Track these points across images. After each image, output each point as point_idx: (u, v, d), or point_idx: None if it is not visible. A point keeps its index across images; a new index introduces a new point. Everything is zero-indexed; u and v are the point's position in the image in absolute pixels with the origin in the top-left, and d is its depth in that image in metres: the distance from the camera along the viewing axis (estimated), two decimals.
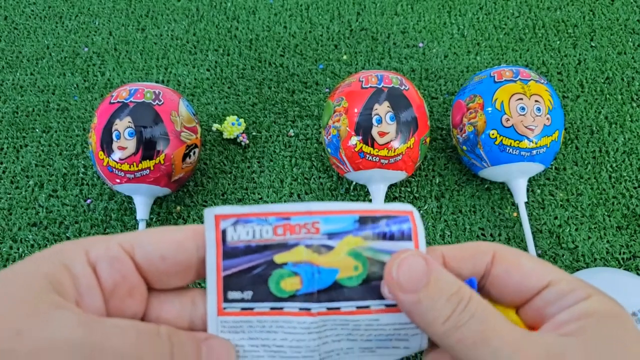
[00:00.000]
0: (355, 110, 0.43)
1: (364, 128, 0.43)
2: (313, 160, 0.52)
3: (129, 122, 0.42)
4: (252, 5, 0.64)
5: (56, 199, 0.50)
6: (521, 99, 0.43)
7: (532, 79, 0.45)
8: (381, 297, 0.20)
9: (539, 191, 0.49)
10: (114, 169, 0.43)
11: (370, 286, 0.20)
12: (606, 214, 0.48)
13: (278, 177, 0.51)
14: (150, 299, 0.20)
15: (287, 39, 0.61)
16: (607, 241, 0.46)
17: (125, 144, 0.42)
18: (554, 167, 0.51)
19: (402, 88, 0.44)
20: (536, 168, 0.45)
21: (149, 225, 0.48)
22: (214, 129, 0.53)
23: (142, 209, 0.45)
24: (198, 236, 0.20)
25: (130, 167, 0.42)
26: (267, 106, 0.56)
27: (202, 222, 0.49)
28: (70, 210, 0.49)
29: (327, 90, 0.57)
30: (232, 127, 0.52)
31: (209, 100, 0.56)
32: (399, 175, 0.45)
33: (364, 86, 0.44)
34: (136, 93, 0.44)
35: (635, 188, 0.49)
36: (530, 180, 0.49)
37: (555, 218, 0.48)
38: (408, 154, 0.44)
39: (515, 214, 0.48)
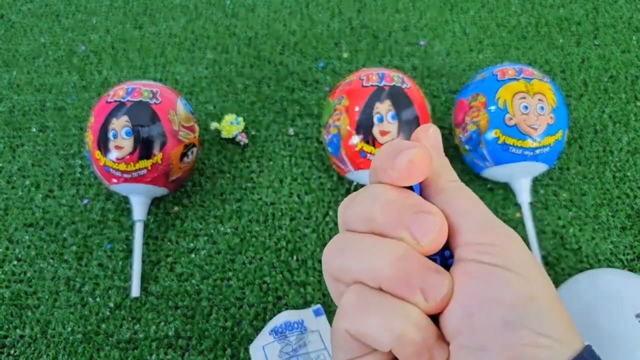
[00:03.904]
0: (356, 109, 0.43)
1: (365, 127, 0.42)
2: (313, 159, 0.51)
3: (126, 121, 0.42)
4: (251, 2, 0.64)
5: (52, 199, 0.49)
6: (524, 97, 0.43)
7: (535, 78, 0.44)
8: None
9: (542, 191, 0.48)
10: (111, 169, 0.42)
11: None
12: (610, 214, 0.47)
13: (277, 177, 0.50)
14: None
15: (286, 36, 0.60)
16: (611, 242, 0.46)
17: (122, 143, 0.41)
18: (557, 167, 0.50)
19: (403, 86, 0.44)
20: (540, 168, 0.44)
21: (146, 226, 0.47)
22: (212, 128, 0.52)
23: (139, 210, 0.44)
24: None
25: (127, 166, 0.42)
26: (266, 105, 0.55)
27: (200, 224, 0.49)
28: (66, 210, 0.48)
29: (327, 88, 0.56)
30: (231, 125, 0.51)
31: (207, 98, 0.55)
32: None
33: (364, 84, 0.44)
34: (133, 92, 0.43)
35: (639, 188, 0.48)
36: (533, 181, 0.49)
37: (559, 218, 0.47)
38: None
39: (518, 215, 0.47)
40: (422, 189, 0.21)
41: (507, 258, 0.19)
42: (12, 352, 0.42)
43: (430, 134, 0.22)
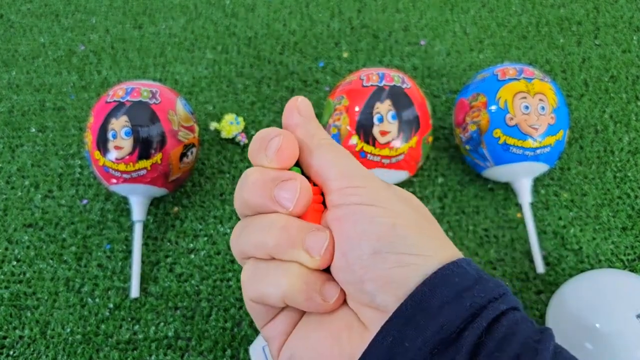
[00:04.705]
0: (356, 109, 0.43)
1: (365, 127, 0.42)
2: None
3: (126, 121, 0.41)
4: (250, 2, 0.64)
5: (52, 200, 0.49)
6: (525, 97, 0.43)
7: (536, 77, 0.44)
8: None
9: (543, 191, 0.48)
10: (110, 169, 0.42)
11: None
12: (611, 214, 0.47)
13: None
14: None
15: (286, 36, 0.60)
16: (612, 242, 0.45)
17: (121, 143, 0.41)
18: (558, 167, 0.50)
19: (403, 86, 0.44)
20: (540, 168, 0.44)
21: (145, 226, 0.47)
22: (212, 128, 0.52)
23: (138, 210, 0.44)
24: None
25: (126, 167, 0.42)
26: (266, 105, 0.55)
27: (200, 225, 0.48)
28: (66, 211, 0.48)
29: (327, 88, 0.56)
30: (231, 125, 0.51)
31: (207, 99, 0.55)
32: (401, 175, 0.45)
33: (365, 84, 0.43)
34: (133, 92, 0.43)
35: None
36: (534, 181, 0.48)
37: (560, 219, 0.47)
38: (410, 153, 0.43)
39: (519, 215, 0.47)
40: (299, 153, 0.24)
41: (369, 195, 0.22)
42: (11, 352, 0.41)
43: (299, 104, 0.24)
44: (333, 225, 0.22)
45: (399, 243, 0.20)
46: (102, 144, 0.42)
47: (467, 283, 0.20)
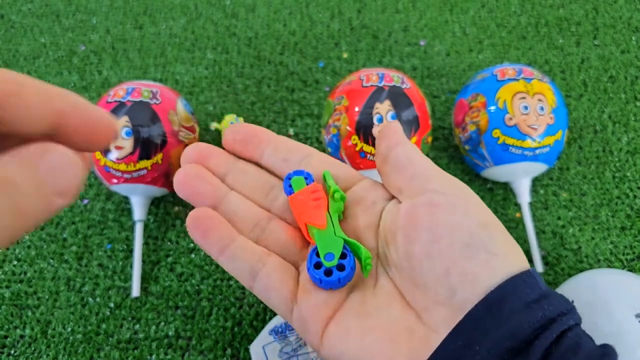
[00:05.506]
0: (356, 109, 0.43)
1: (364, 127, 0.42)
2: None
3: (126, 121, 0.42)
4: (251, 2, 0.64)
5: None
6: (524, 97, 0.43)
7: (535, 78, 0.44)
8: None
9: (542, 191, 0.48)
10: (111, 169, 0.42)
11: None
12: (610, 214, 0.47)
13: None
14: None
15: (286, 36, 0.60)
16: (611, 242, 0.46)
17: (122, 143, 0.42)
18: (557, 167, 0.50)
19: (403, 86, 0.44)
20: (539, 168, 0.44)
21: (146, 226, 0.47)
22: (212, 127, 0.52)
23: (139, 210, 0.44)
24: None
25: (127, 166, 0.42)
26: (266, 105, 0.55)
27: None
28: (67, 210, 0.48)
29: (327, 88, 0.56)
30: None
31: (207, 99, 0.55)
32: None
33: (364, 84, 0.44)
34: (133, 92, 0.43)
35: (639, 188, 0.49)
36: (533, 181, 0.49)
37: (559, 218, 0.47)
38: None
39: (518, 215, 0.47)
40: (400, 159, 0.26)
41: (463, 190, 0.23)
42: (12, 352, 0.42)
43: (395, 126, 0.27)
44: (420, 209, 0.22)
45: (489, 242, 0.21)
46: None
47: (535, 295, 0.20)
